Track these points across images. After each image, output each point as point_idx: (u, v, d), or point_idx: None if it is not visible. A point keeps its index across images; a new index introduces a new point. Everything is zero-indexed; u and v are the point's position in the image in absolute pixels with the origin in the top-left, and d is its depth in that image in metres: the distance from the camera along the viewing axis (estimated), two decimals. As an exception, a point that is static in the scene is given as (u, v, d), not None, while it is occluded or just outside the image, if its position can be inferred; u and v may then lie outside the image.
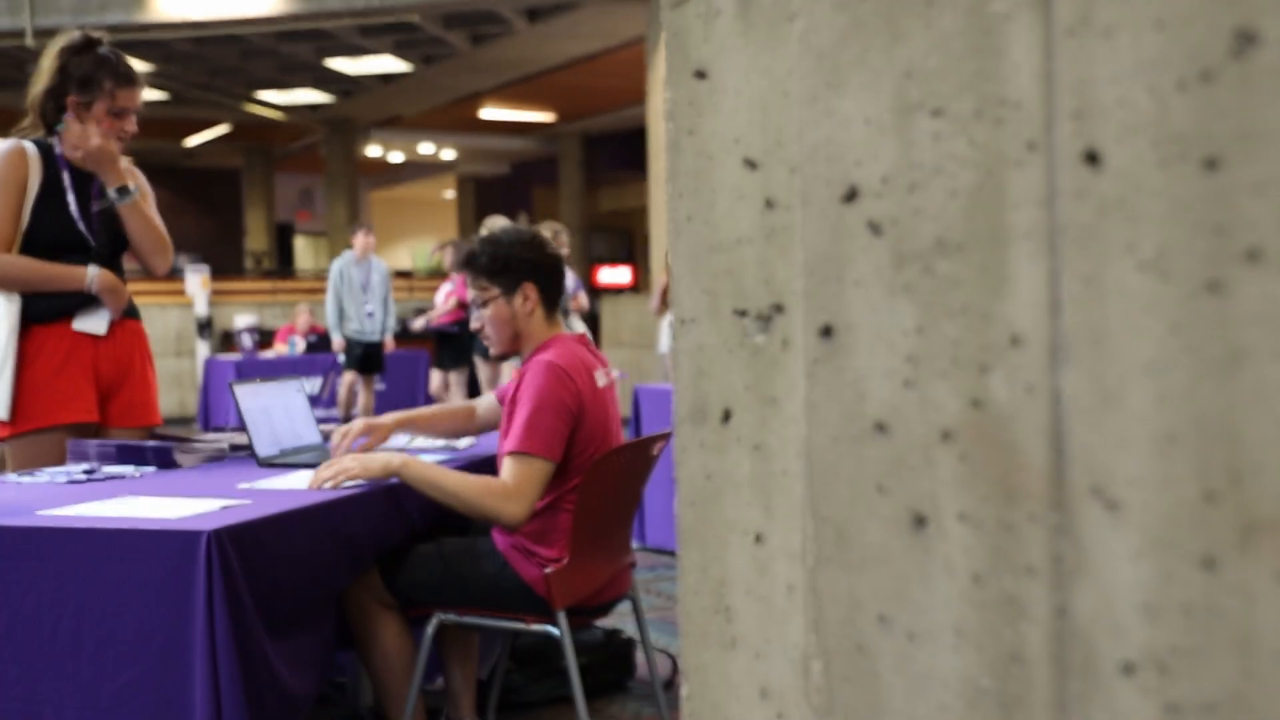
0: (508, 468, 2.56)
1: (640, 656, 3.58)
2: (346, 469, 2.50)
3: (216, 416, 9.74)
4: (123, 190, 3.10)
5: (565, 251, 7.15)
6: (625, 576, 2.85)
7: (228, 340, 12.98)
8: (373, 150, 20.82)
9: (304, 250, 26.19)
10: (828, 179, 0.53)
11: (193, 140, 19.11)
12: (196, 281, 12.46)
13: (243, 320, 12.21)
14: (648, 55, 10.77)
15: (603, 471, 2.59)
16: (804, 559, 0.54)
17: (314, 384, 9.86)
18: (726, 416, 0.59)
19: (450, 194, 24.44)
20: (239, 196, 23.51)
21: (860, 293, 0.52)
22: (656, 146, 10.68)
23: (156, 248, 3.22)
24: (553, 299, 2.74)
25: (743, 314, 0.58)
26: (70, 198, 3.07)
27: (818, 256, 0.53)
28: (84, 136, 3.05)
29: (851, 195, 0.52)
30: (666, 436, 2.82)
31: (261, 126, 18.94)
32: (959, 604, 0.50)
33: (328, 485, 2.48)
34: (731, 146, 0.58)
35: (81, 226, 3.08)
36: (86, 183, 3.12)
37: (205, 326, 12.49)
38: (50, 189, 3.05)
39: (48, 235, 3.04)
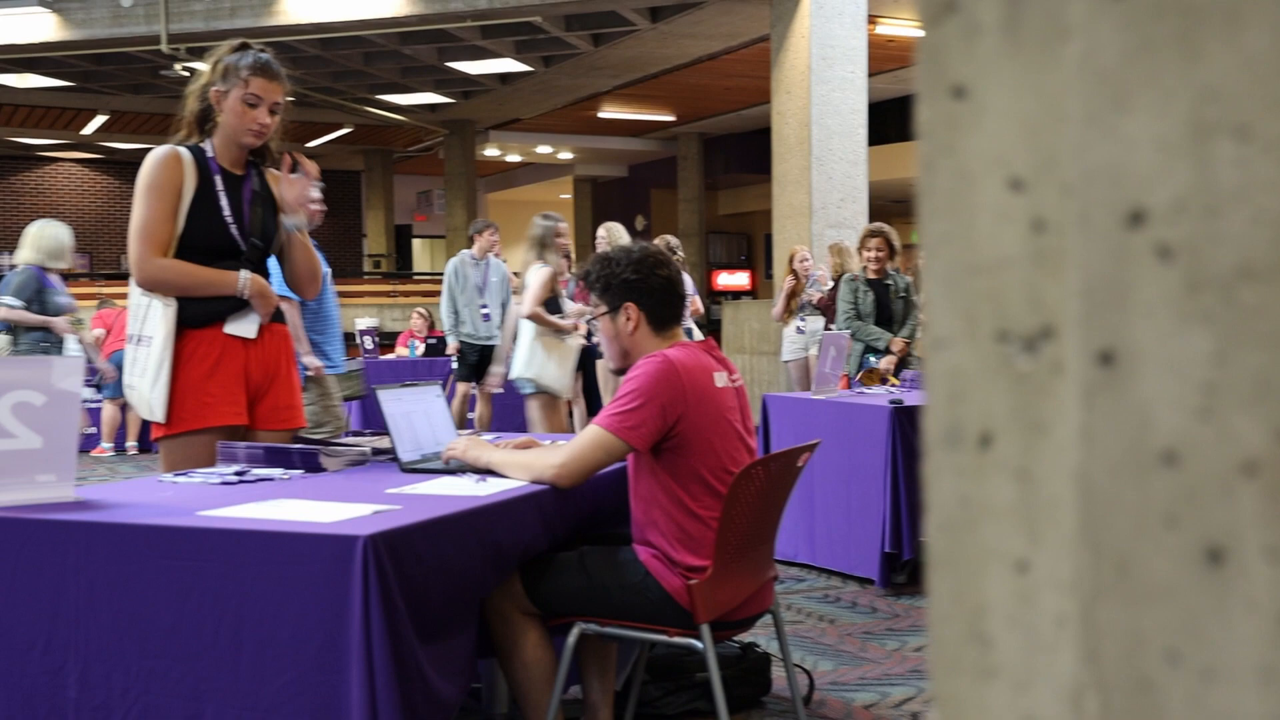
0: (581, 435, 2.68)
1: (776, 672, 3.56)
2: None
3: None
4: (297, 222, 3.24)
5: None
6: (768, 590, 2.84)
7: (349, 343, 13.23)
8: (490, 152, 21.08)
9: (421, 252, 26.64)
10: (1109, 202, 0.51)
11: (314, 142, 19.58)
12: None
13: (363, 323, 12.43)
14: (772, 54, 10.70)
15: (748, 483, 2.59)
16: (1077, 590, 0.52)
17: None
18: (985, 441, 0.58)
19: (567, 196, 24.64)
20: (359, 199, 24.02)
21: (1147, 319, 0.50)
22: (781, 149, 10.59)
23: (312, 276, 3.33)
24: (660, 318, 2.77)
25: (1005, 337, 0.56)
26: (223, 202, 3.14)
27: (1097, 281, 0.51)
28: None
29: (1137, 219, 0.50)
30: (812, 448, 2.80)
31: (381, 129, 19.31)
32: (1263, 643, 0.47)
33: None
34: (994, 167, 0.56)
35: (234, 231, 3.15)
36: (238, 187, 3.19)
37: (329, 328, 12.74)
38: (204, 194, 3.11)
39: (201, 240, 3.11)
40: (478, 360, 8.30)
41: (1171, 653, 0.51)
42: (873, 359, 6.41)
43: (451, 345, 8.37)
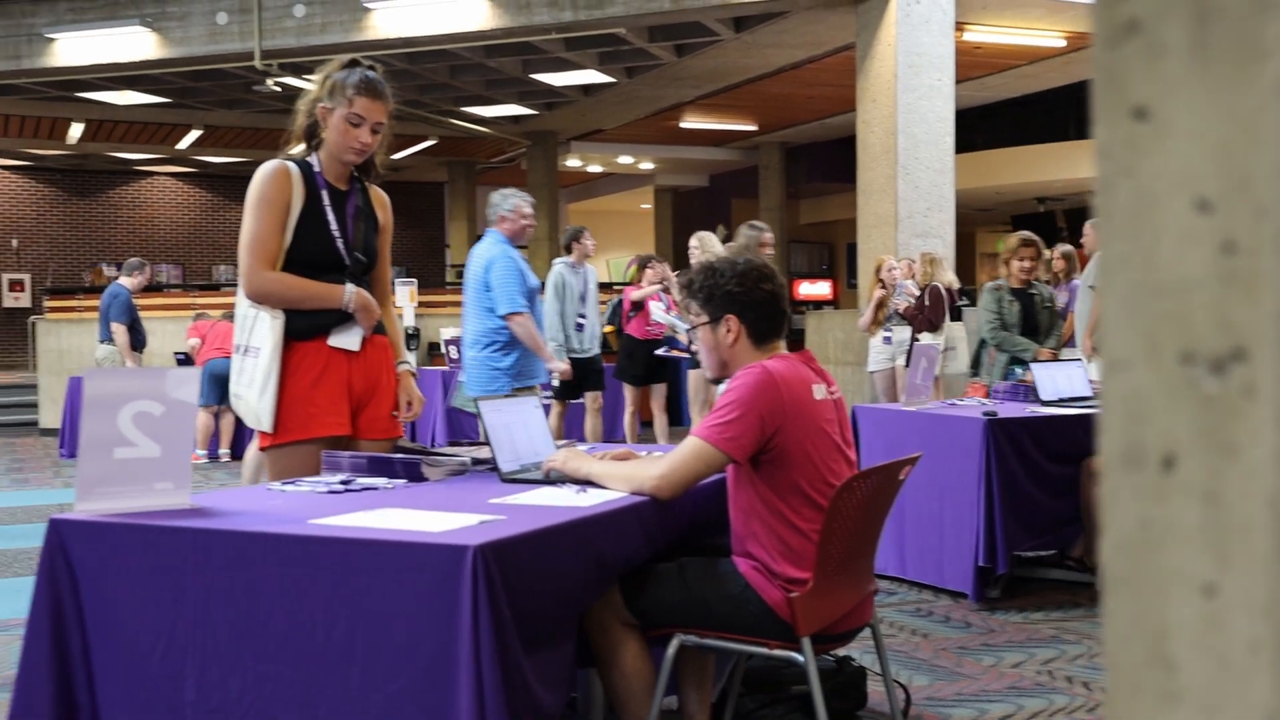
0: (680, 446, 2.67)
1: (871, 686, 3.53)
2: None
3: (422, 430, 9.91)
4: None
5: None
6: (868, 604, 2.82)
7: (434, 352, 13.38)
8: (572, 162, 21.20)
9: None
10: (1310, 224, 0.51)
11: (400, 155, 19.87)
12: (405, 294, 12.91)
13: (448, 332, 12.55)
14: (857, 62, 10.64)
15: (849, 495, 2.57)
16: (1271, 615, 0.52)
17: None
18: (1168, 463, 0.57)
19: (647, 206, 24.70)
20: (442, 210, 24.30)
21: (1347, 342, 0.50)
22: (866, 157, 10.52)
23: (398, 348, 3.43)
24: (761, 331, 2.77)
25: (1190, 359, 0.56)
26: (329, 217, 3.20)
27: (1292, 303, 0.51)
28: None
29: (1340, 241, 0.50)
30: (913, 461, 2.78)
31: (465, 141, 19.52)
32: None
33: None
34: (1179, 188, 0.55)
35: (340, 245, 3.20)
36: (342, 202, 3.25)
37: (413, 338, 12.91)
38: (311, 209, 3.17)
39: (308, 253, 3.17)
40: (583, 373, 7.60)
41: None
42: (1019, 370, 6.29)
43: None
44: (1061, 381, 5.43)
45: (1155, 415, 0.58)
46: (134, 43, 12.65)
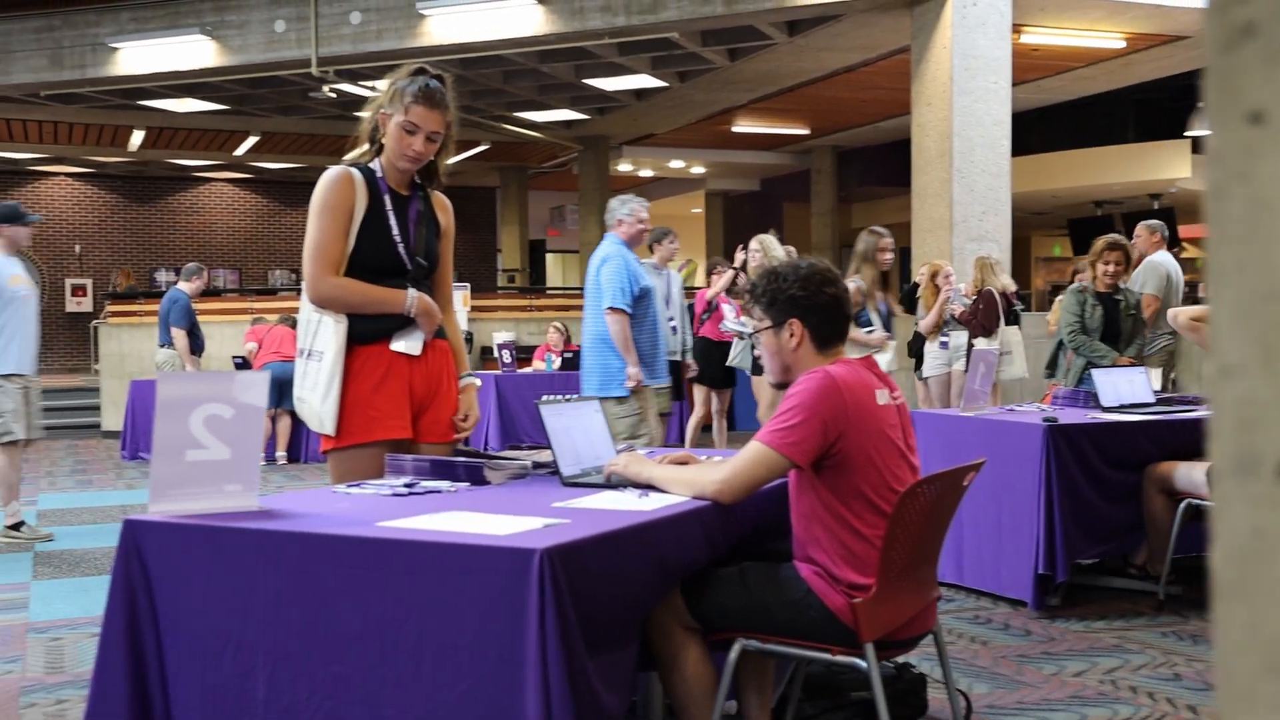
0: (743, 451, 2.66)
1: (931, 694, 3.50)
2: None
3: (474, 434, 9.97)
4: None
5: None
6: (931, 610, 2.80)
7: (486, 356, 13.44)
8: (624, 167, 21.25)
9: (554, 267, 26.98)
10: None
11: (452, 160, 19.94)
12: (459, 298, 12.99)
13: (500, 336, 12.62)
14: (912, 66, 10.58)
15: (913, 501, 2.56)
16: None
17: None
18: (1283, 472, 0.57)
19: (698, 210, 24.68)
20: (494, 214, 24.44)
21: None
22: (921, 161, 10.45)
23: (461, 357, 3.45)
24: (824, 336, 2.76)
25: (1306, 367, 0.55)
26: (392, 222, 3.23)
27: None
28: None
29: None
30: (977, 467, 2.75)
31: (517, 145, 19.62)
32: None
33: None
34: (1295, 192, 0.55)
35: (401, 250, 3.23)
36: (404, 208, 3.28)
37: (466, 342, 12.99)
38: (374, 214, 3.20)
39: (370, 259, 3.19)
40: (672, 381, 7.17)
41: None
42: None
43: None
44: (1123, 387, 5.36)
45: (1269, 423, 0.57)
46: (194, 51, 12.85)
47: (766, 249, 7.78)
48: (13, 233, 6.55)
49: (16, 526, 6.65)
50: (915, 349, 9.12)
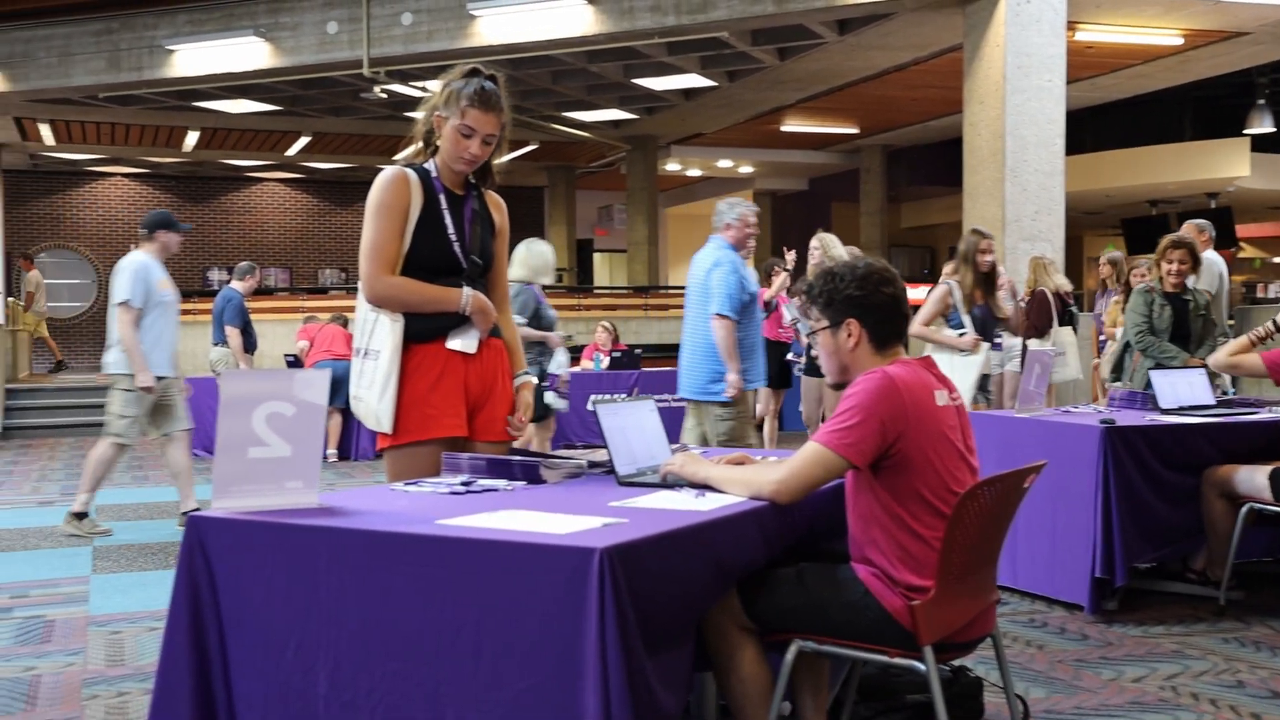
0: (800, 451, 2.65)
1: (987, 698, 3.47)
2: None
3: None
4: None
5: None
6: (990, 613, 2.77)
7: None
8: (671, 166, 21.24)
9: (601, 266, 27.01)
10: None
11: (500, 160, 20.01)
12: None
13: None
14: (965, 64, 10.48)
15: (973, 503, 2.54)
16: None
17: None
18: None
19: (745, 209, 24.61)
20: (541, 214, 24.51)
21: None
22: (973, 160, 10.35)
23: (517, 355, 3.46)
24: (882, 336, 2.74)
25: None
26: (447, 221, 3.24)
27: None
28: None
29: None
30: (1038, 469, 2.72)
31: (565, 145, 19.67)
32: None
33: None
34: None
35: (456, 249, 3.24)
36: (459, 207, 3.29)
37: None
38: (429, 213, 3.21)
39: (426, 258, 3.21)
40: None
41: None
42: None
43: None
44: (1182, 389, 5.28)
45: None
46: (248, 53, 13.00)
47: (826, 247, 7.74)
48: (166, 239, 6.90)
49: (80, 516, 6.82)
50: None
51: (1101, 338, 10.13)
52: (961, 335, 6.46)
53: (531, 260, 7.35)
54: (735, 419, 5.73)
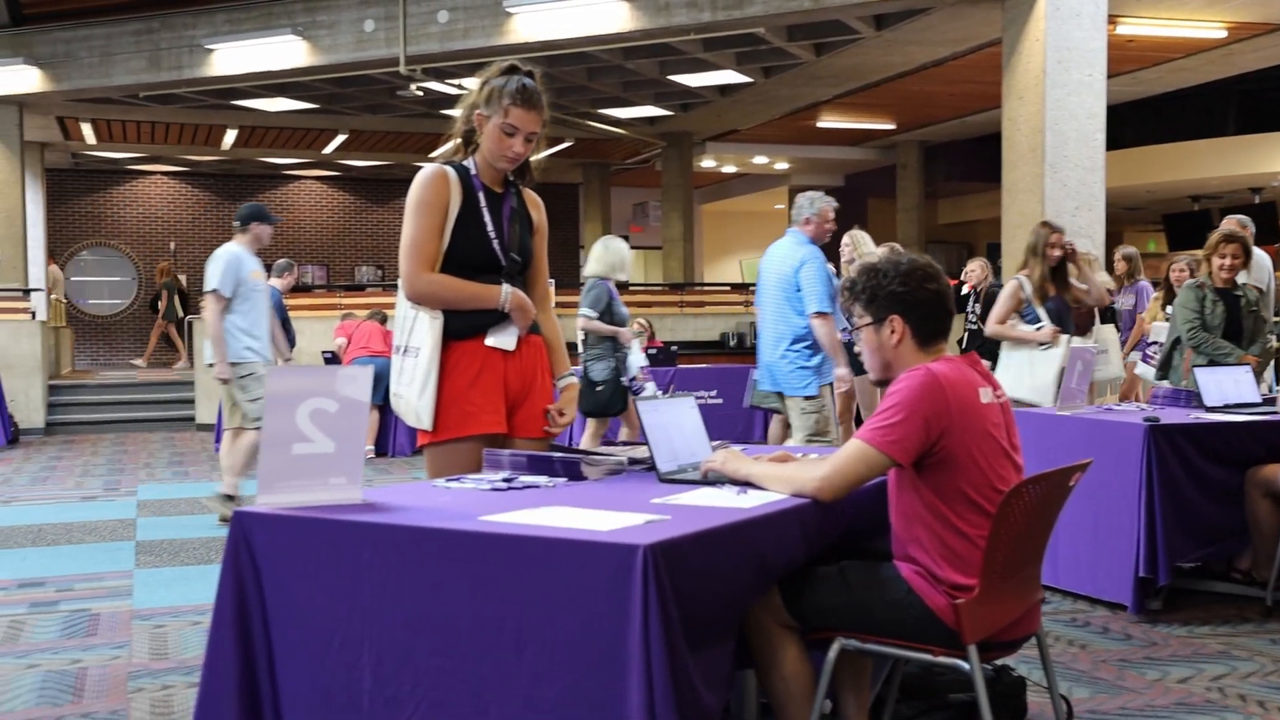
0: (843, 449, 2.64)
1: (1030, 697, 3.44)
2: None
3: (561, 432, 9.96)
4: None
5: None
6: (1035, 612, 2.74)
7: (571, 353, 13.46)
8: (707, 163, 21.20)
9: (636, 263, 26.95)
10: None
11: (536, 156, 20.07)
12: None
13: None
14: (1004, 59, 10.39)
15: (1018, 501, 2.51)
16: None
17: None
18: None
19: (781, 206, 24.55)
20: (576, 211, 24.54)
21: None
22: (1012, 156, 10.26)
23: (560, 353, 3.48)
24: (926, 332, 2.72)
25: None
26: (486, 219, 3.24)
27: None
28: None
29: None
30: (1083, 467, 2.69)
31: (600, 142, 19.67)
32: None
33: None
34: None
35: (495, 246, 3.25)
36: (498, 204, 3.29)
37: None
38: (468, 211, 3.22)
39: (465, 255, 3.22)
40: None
41: None
42: None
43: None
44: (1228, 386, 5.22)
45: None
46: (286, 51, 13.08)
47: (857, 244, 7.70)
48: (259, 230, 7.16)
49: (232, 497, 7.04)
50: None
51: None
52: (1039, 329, 6.38)
53: (608, 257, 7.48)
54: (819, 412, 5.78)
